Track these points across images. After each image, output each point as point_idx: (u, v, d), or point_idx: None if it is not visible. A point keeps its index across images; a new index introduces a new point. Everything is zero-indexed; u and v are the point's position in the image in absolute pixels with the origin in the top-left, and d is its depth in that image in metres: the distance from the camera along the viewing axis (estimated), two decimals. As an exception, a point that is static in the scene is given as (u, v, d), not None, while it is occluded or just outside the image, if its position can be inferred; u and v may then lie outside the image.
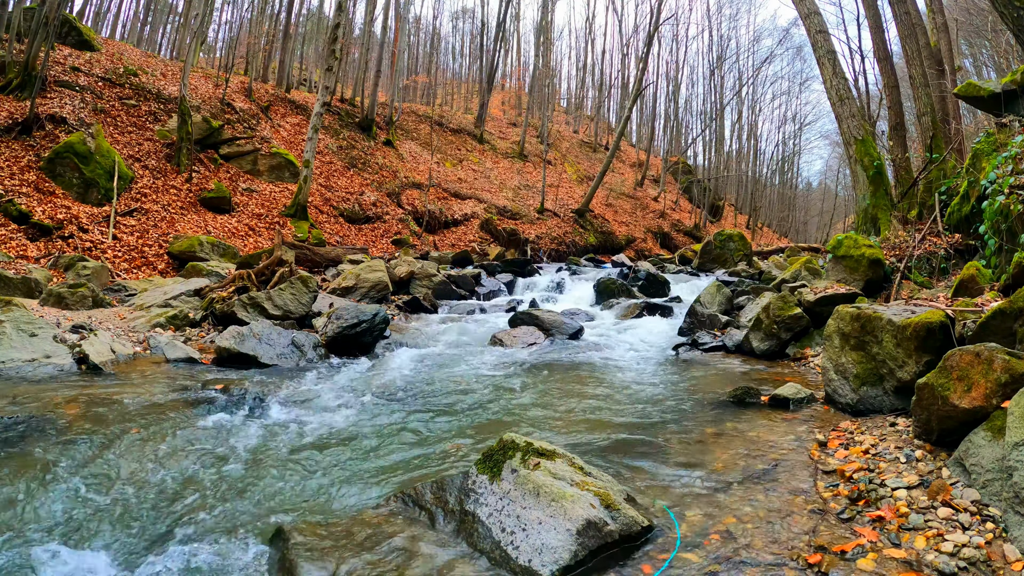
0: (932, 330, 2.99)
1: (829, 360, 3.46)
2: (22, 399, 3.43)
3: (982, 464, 2.10)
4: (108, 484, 2.47)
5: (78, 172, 9.94)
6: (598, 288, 9.09)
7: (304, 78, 28.17)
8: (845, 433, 2.91)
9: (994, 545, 1.83)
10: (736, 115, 37.14)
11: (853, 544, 1.90)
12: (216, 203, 12.22)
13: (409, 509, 2.20)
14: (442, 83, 38.97)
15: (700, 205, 30.60)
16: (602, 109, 38.30)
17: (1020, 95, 6.07)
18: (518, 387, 4.21)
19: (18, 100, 11.31)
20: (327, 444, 3.03)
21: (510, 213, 20.37)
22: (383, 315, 5.54)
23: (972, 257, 5.85)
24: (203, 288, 6.99)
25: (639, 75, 23.94)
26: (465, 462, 2.71)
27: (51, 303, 6.14)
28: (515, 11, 37.37)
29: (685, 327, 6.22)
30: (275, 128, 17.46)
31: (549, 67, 34.48)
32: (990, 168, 5.16)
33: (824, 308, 4.98)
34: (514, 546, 1.88)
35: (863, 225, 8.61)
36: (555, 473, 2.10)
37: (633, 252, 22.15)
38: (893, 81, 10.41)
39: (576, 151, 32.35)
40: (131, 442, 2.89)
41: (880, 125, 19.36)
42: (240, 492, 2.47)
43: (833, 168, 47.03)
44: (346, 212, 15.87)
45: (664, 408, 3.60)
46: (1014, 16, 4.26)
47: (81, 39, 15.47)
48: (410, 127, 24.24)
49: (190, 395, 3.74)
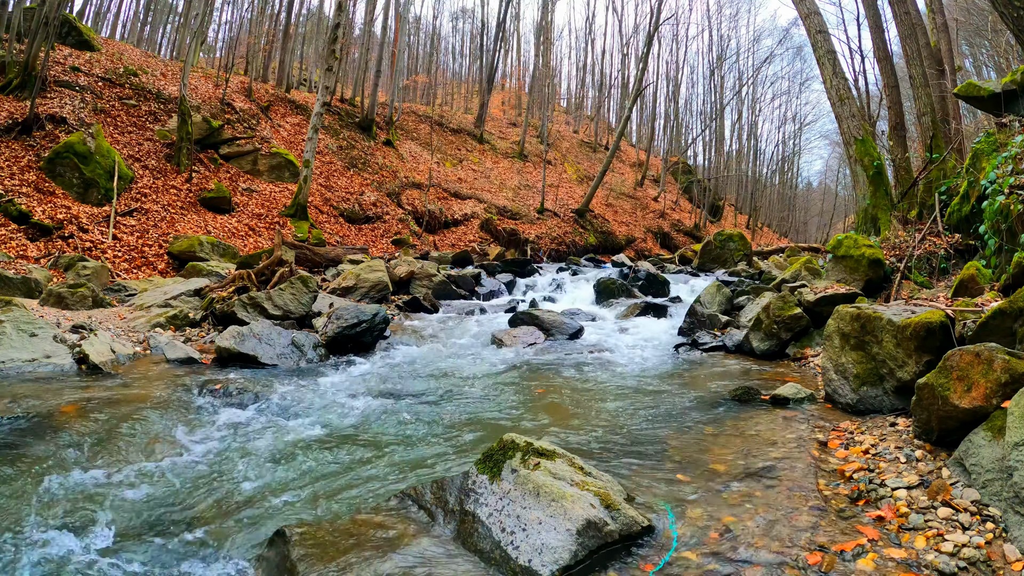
0: (932, 330, 2.99)
1: (829, 360, 3.46)
2: (22, 399, 3.43)
3: (982, 464, 2.10)
4: (108, 484, 2.47)
5: (78, 172, 9.94)
6: (598, 288, 9.09)
7: (304, 78, 28.18)
8: (845, 433, 2.91)
9: (994, 545, 1.83)
10: (736, 115, 37.18)
11: (853, 544, 1.89)
12: (216, 203, 12.22)
13: (409, 509, 2.19)
14: (442, 83, 38.97)
15: (700, 205, 30.60)
16: (602, 109, 38.31)
17: (1020, 95, 6.07)
18: (518, 387, 4.21)
19: (18, 100, 11.31)
20: (327, 444, 3.03)
21: (510, 213, 20.37)
22: (383, 315, 5.54)
23: (972, 257, 5.85)
24: (203, 288, 6.99)
25: (639, 75, 23.95)
26: (465, 462, 2.71)
27: (51, 303, 6.14)
28: (515, 11, 37.41)
29: (685, 327, 6.22)
30: (275, 128, 17.46)
31: (549, 67, 34.46)
32: (990, 168, 5.16)
33: (824, 308, 4.98)
34: (514, 546, 1.87)
35: (863, 225, 8.61)
36: (555, 473, 2.10)
37: (633, 252, 22.15)
38: (893, 81, 10.40)
39: (576, 151, 32.35)
40: (131, 442, 2.89)
41: (880, 125, 19.35)
42: (240, 492, 2.47)
43: (833, 168, 47.07)
44: (346, 212, 15.87)
45: (664, 407, 3.60)
46: (1014, 16, 4.26)
47: (81, 39, 15.47)
48: (410, 127, 24.24)
49: (190, 395, 3.74)
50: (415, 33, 39.53)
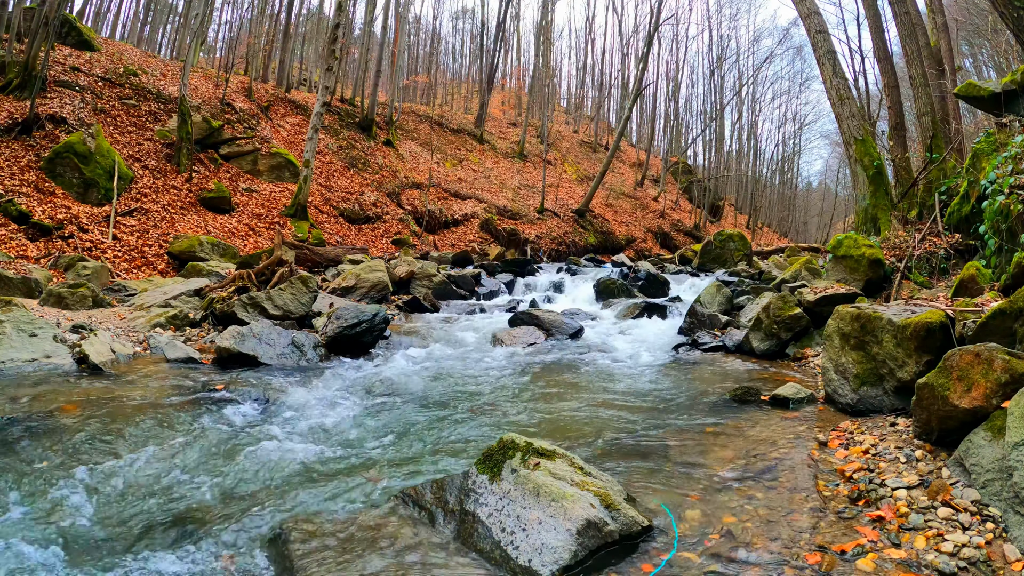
0: (932, 330, 2.99)
1: (829, 360, 3.46)
2: (22, 399, 3.43)
3: (982, 464, 2.10)
4: (108, 484, 2.47)
5: (78, 172, 9.94)
6: (598, 288, 9.09)
7: (304, 78, 28.16)
8: (845, 433, 2.91)
9: (994, 545, 1.83)
10: (736, 115, 37.14)
11: (853, 544, 1.90)
12: (216, 203, 12.22)
13: (409, 509, 2.20)
14: (442, 83, 38.96)
15: (700, 205, 30.59)
16: (602, 109, 38.30)
17: (1020, 95, 6.07)
18: (518, 387, 4.21)
19: (18, 100, 11.30)
20: (327, 444, 3.03)
21: (510, 213, 20.37)
22: (383, 315, 5.54)
23: (972, 257, 5.84)
24: (203, 288, 6.99)
25: (639, 75, 23.95)
26: (465, 462, 2.71)
27: (51, 303, 6.14)
28: (515, 11, 37.35)
29: (685, 327, 6.22)
30: (275, 128, 17.46)
31: (549, 67, 34.47)
32: (990, 168, 5.16)
33: (824, 308, 4.98)
34: (514, 546, 1.88)
35: (863, 225, 8.61)
36: (555, 473, 2.10)
37: (633, 252, 22.15)
38: (893, 81, 10.41)
39: (576, 151, 32.35)
40: (131, 442, 2.89)
41: (880, 125, 19.35)
42: (240, 492, 2.47)
43: (833, 168, 47.05)
44: (346, 212, 15.87)
45: (664, 408, 3.60)
46: (1014, 16, 4.26)
47: (81, 39, 15.47)
48: (410, 127, 24.24)
49: (190, 395, 3.74)
50: (415, 33, 39.53)
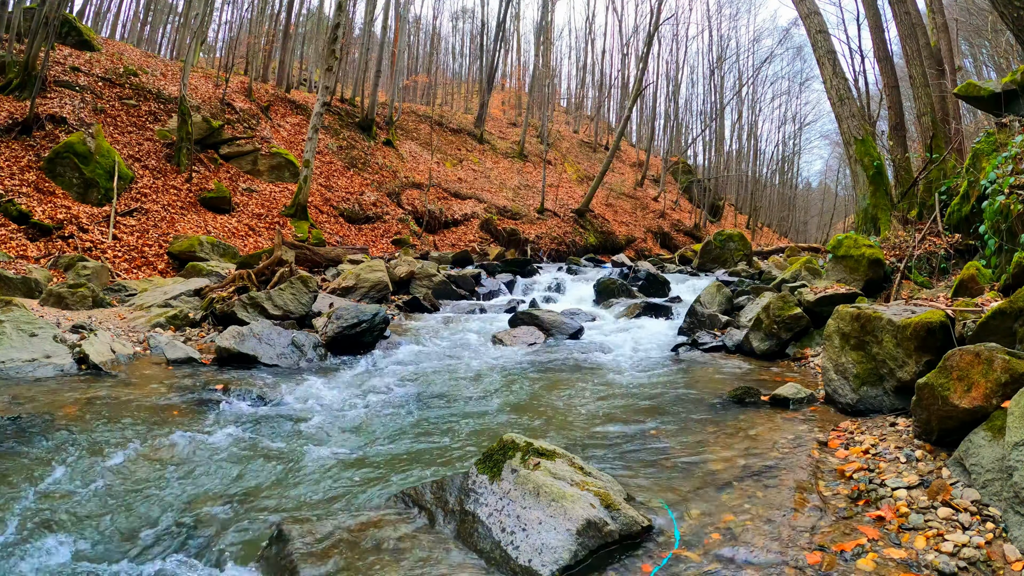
0: (932, 330, 2.99)
1: (829, 360, 3.46)
2: (22, 399, 3.43)
3: (982, 464, 2.10)
4: (108, 483, 2.47)
5: (78, 172, 9.93)
6: (598, 288, 9.09)
7: (304, 78, 28.16)
8: (845, 433, 2.91)
9: (994, 545, 1.83)
10: (736, 115, 37.14)
11: (853, 544, 1.90)
12: (216, 203, 12.22)
13: (409, 509, 2.20)
14: (442, 83, 38.95)
15: (700, 205, 30.59)
16: (602, 109, 38.29)
17: (1020, 95, 6.07)
18: (518, 387, 4.21)
19: (18, 100, 11.30)
20: (327, 444, 3.03)
21: (510, 213, 20.37)
22: (383, 315, 5.54)
23: (972, 257, 5.84)
24: (203, 288, 6.99)
25: (639, 75, 23.93)
26: (465, 462, 2.71)
27: (51, 303, 6.14)
28: (515, 11, 37.33)
29: (685, 327, 6.22)
30: (275, 128, 17.46)
31: (549, 67, 34.46)
32: (990, 168, 5.16)
33: (824, 308, 4.98)
34: (514, 546, 1.87)
35: (863, 225, 8.61)
36: (555, 473, 2.10)
37: (633, 252, 22.14)
38: (893, 81, 10.40)
39: (576, 151, 32.34)
40: (131, 442, 2.89)
41: (880, 125, 19.35)
42: (240, 491, 2.47)
43: (833, 168, 47.07)
44: (346, 212, 15.87)
45: (664, 407, 3.60)
46: (1014, 16, 4.26)
47: (81, 39, 15.46)
48: (410, 127, 24.24)
49: (190, 395, 3.74)
50: (415, 33, 39.53)
